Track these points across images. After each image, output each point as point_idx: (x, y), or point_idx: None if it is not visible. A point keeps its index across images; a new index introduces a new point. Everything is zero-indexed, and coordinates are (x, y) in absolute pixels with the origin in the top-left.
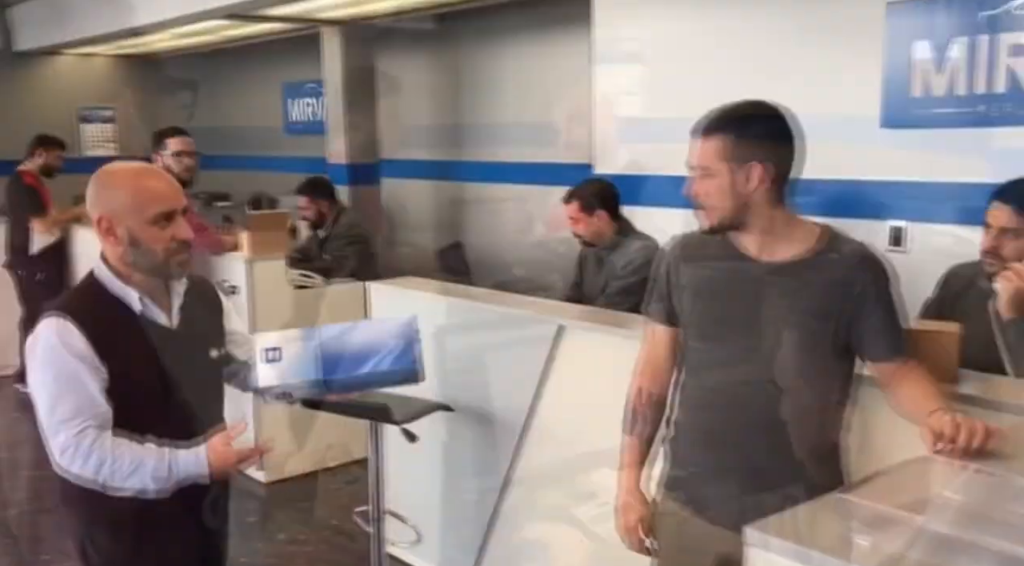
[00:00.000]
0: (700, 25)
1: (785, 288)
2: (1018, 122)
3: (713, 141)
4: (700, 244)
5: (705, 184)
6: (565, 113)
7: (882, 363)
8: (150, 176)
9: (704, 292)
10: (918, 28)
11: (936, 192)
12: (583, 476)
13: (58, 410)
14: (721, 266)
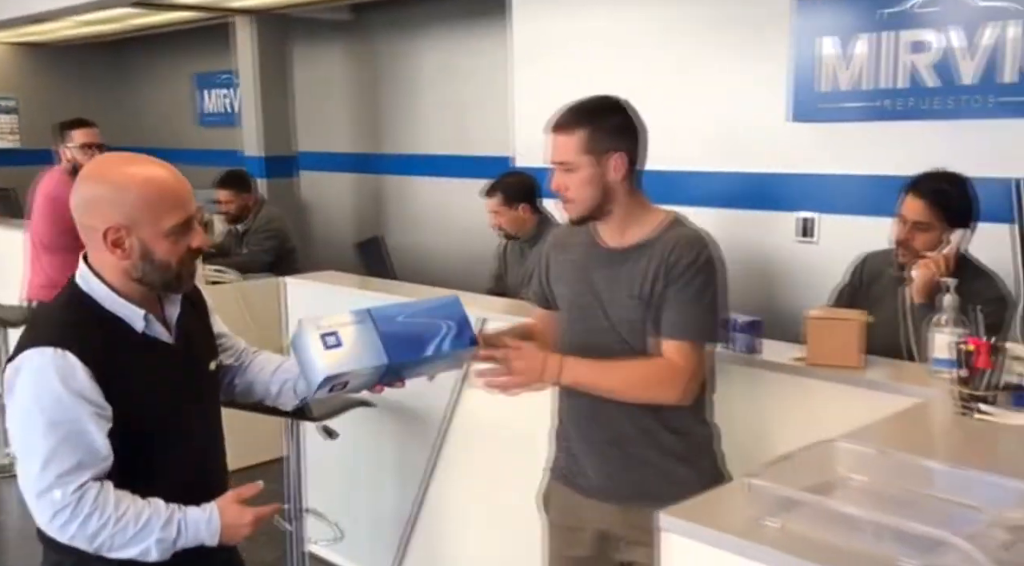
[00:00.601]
0: (616, 18)
1: (623, 271)
2: (918, 116)
3: (571, 136)
4: (568, 233)
5: (568, 178)
6: (486, 105)
7: (663, 340)
8: (167, 176)
9: (565, 278)
10: (824, 24)
11: (843, 184)
12: (505, 471)
13: (53, 465)
14: (580, 253)
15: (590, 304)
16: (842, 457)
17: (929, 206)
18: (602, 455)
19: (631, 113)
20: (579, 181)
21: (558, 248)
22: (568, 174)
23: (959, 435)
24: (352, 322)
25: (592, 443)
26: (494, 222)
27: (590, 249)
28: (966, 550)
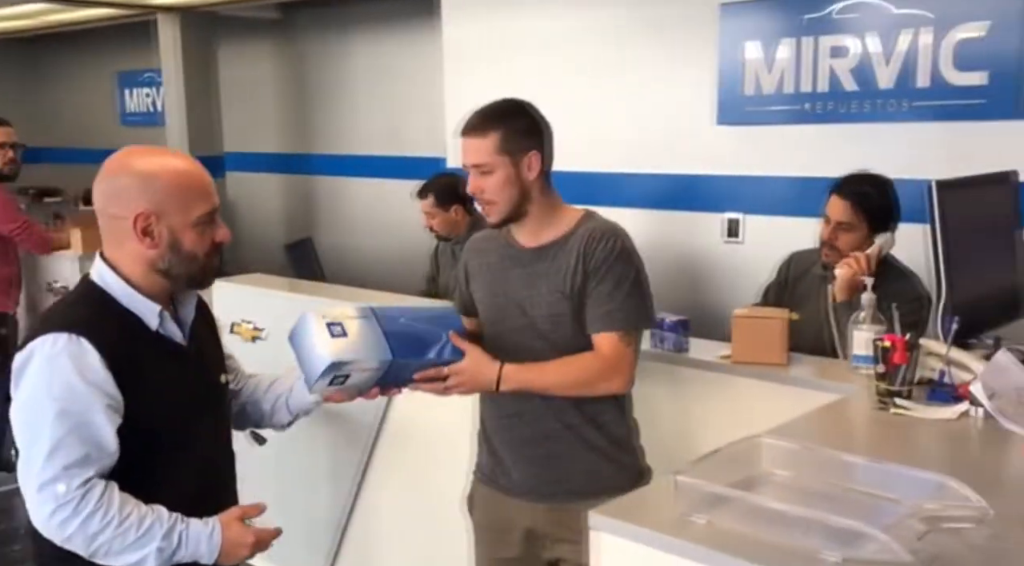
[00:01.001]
0: (545, 20)
1: (541, 270)
2: (838, 119)
3: (485, 138)
4: (483, 239)
5: (486, 180)
6: (419, 106)
7: (592, 334)
8: (193, 166)
9: (481, 281)
10: (749, 29)
11: (768, 186)
12: (436, 473)
13: (59, 456)
14: (495, 255)
15: (507, 304)
16: (767, 453)
17: (852, 207)
18: (527, 454)
19: (537, 114)
20: (497, 182)
21: (475, 254)
22: (485, 176)
23: (878, 429)
24: (356, 317)
25: (517, 442)
26: (426, 223)
27: (505, 251)
28: (884, 541)
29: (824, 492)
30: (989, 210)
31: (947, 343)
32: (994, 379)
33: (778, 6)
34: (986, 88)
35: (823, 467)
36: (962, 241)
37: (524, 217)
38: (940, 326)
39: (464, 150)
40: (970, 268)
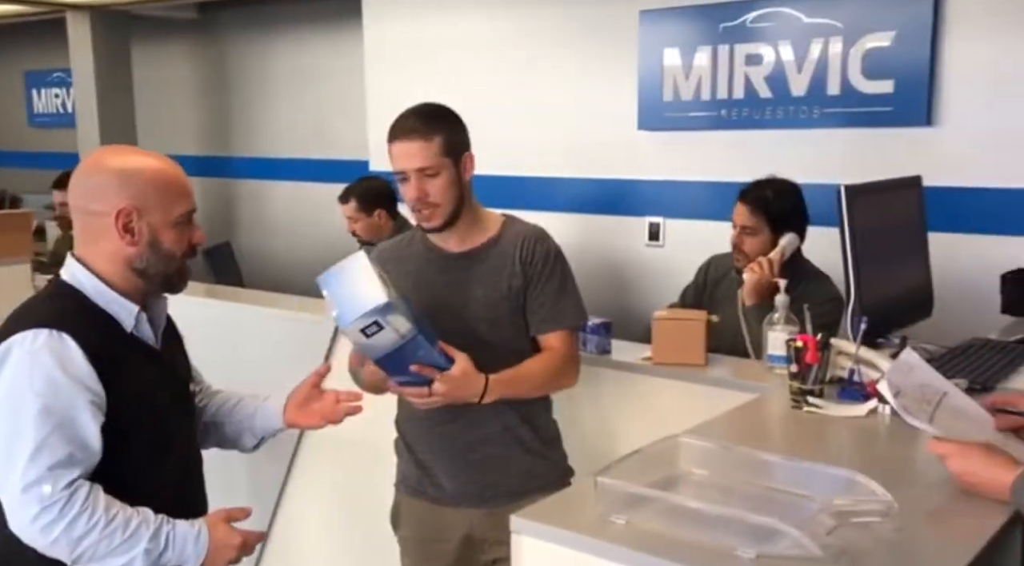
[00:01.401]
0: (469, 24)
1: (474, 274)
2: (754, 126)
3: (431, 141)
4: (398, 246)
5: (431, 184)
6: (343, 108)
7: (541, 335)
8: (173, 166)
9: (408, 290)
10: (668, 35)
11: (687, 190)
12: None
13: (44, 456)
14: (416, 263)
15: (437, 311)
16: (685, 452)
17: (753, 212)
18: (464, 460)
19: (458, 116)
20: (442, 185)
21: (391, 263)
22: (429, 180)
23: (792, 427)
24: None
25: (452, 449)
26: (349, 228)
27: (428, 256)
28: (796, 537)
29: (740, 490)
30: (897, 213)
31: (857, 343)
32: (899, 377)
33: (695, 14)
34: (893, 96)
35: (739, 465)
36: (871, 244)
37: (458, 221)
38: (850, 326)
39: (406, 154)
40: (879, 270)
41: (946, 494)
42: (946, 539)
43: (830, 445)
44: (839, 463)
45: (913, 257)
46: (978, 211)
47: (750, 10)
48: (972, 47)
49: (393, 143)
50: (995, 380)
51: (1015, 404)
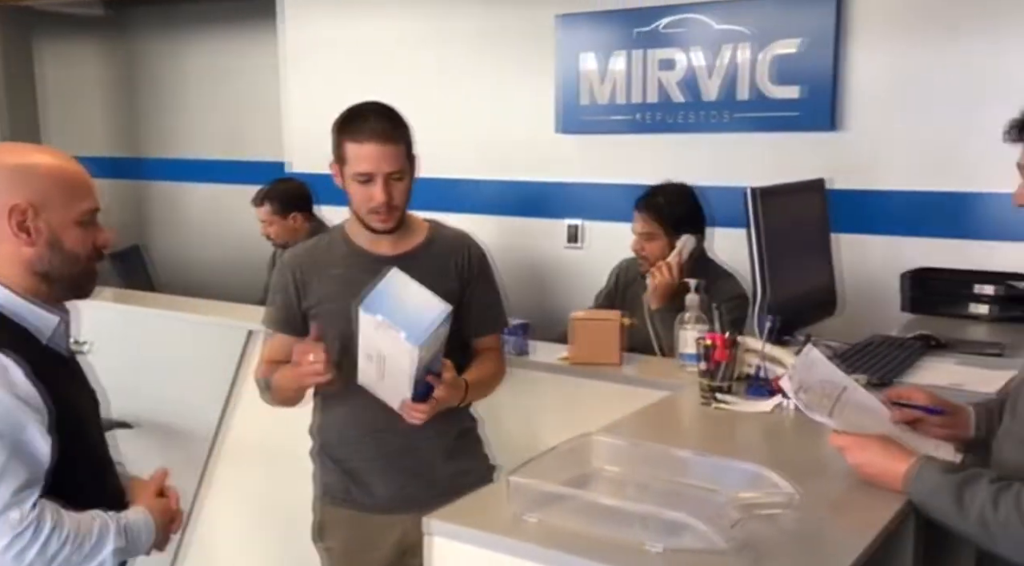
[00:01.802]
0: (386, 25)
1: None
2: (668, 129)
3: (400, 145)
4: (317, 249)
5: (396, 187)
6: (258, 109)
7: (480, 337)
8: (73, 162)
9: (334, 295)
10: (584, 40)
11: (605, 193)
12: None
13: (7, 482)
14: (345, 266)
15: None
16: (597, 450)
17: (648, 219)
18: (397, 466)
19: None
20: (404, 189)
21: (313, 267)
22: (396, 183)
23: (701, 423)
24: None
25: (385, 456)
26: (264, 231)
27: (357, 260)
28: (702, 530)
29: (650, 485)
30: (802, 215)
31: (764, 340)
32: (802, 373)
33: (610, 19)
34: (800, 101)
35: (650, 461)
36: (778, 244)
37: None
38: (758, 324)
39: (380, 157)
40: (786, 269)
41: (846, 485)
42: (845, 528)
43: (738, 440)
44: (746, 458)
45: (818, 257)
46: (879, 213)
47: (663, 16)
48: (873, 55)
49: (363, 144)
50: (894, 375)
51: (911, 397)
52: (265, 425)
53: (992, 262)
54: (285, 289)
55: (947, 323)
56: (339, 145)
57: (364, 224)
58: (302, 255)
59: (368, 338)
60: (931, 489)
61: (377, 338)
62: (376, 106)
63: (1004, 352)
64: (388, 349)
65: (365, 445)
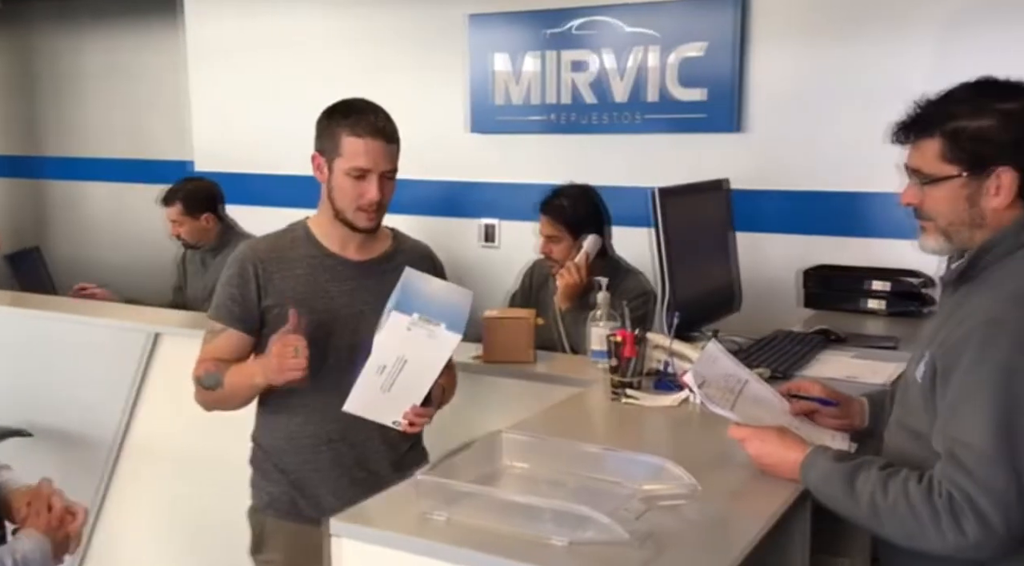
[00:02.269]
0: (297, 23)
1: (372, 285)
2: (580, 130)
3: (395, 144)
4: (279, 246)
5: (388, 186)
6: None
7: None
8: None
9: (298, 295)
10: (496, 40)
11: (520, 192)
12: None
13: None
14: (309, 266)
15: (332, 320)
16: (506, 447)
17: (552, 221)
18: (347, 478)
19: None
20: (393, 189)
21: (273, 263)
22: (388, 182)
23: (610, 419)
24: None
25: (338, 467)
26: (173, 232)
27: (324, 262)
28: (605, 523)
29: (558, 481)
30: (706, 214)
31: (670, 336)
32: (705, 368)
33: (522, 19)
34: (706, 103)
35: (558, 457)
36: (683, 242)
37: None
38: (664, 321)
39: (380, 155)
40: (690, 267)
41: (745, 475)
42: (743, 516)
43: (645, 434)
44: (652, 451)
45: (721, 255)
46: (780, 212)
47: (574, 17)
48: (774, 58)
49: (364, 139)
50: (794, 368)
51: (807, 390)
52: (173, 431)
53: (886, 259)
54: (244, 283)
55: (845, 318)
56: (333, 137)
57: (345, 222)
58: (264, 250)
59: (389, 345)
60: (824, 476)
61: (406, 340)
62: (372, 103)
63: (898, 345)
64: (416, 350)
65: (319, 455)
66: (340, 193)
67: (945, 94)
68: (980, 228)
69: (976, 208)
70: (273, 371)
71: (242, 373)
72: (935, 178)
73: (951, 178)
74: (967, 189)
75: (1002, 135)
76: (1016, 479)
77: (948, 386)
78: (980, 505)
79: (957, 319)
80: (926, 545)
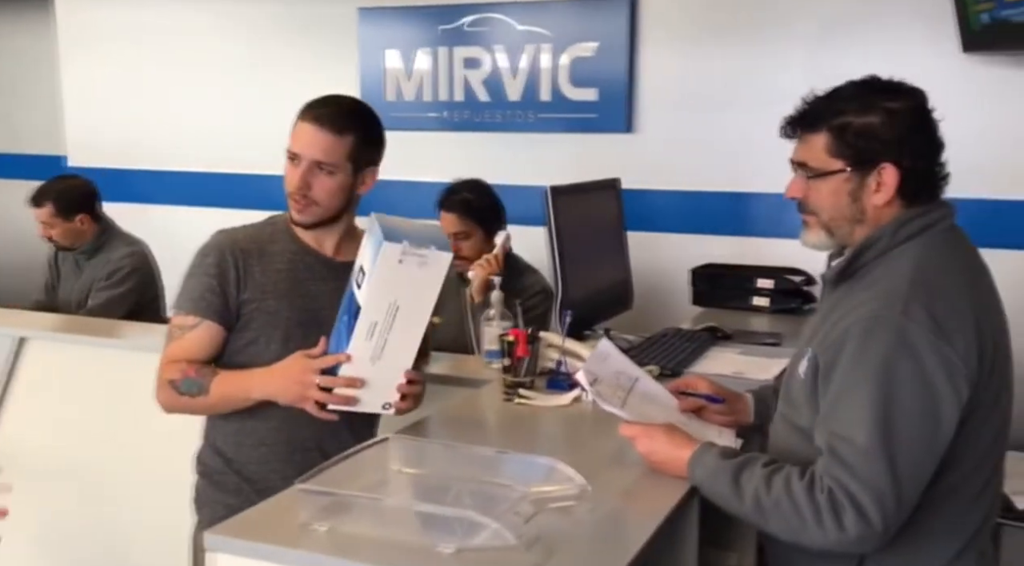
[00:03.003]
0: (178, 12)
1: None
2: (474, 128)
3: (342, 139)
4: (259, 238)
5: (320, 180)
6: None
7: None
8: None
9: (277, 290)
10: (388, 35)
11: (413, 190)
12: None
13: None
14: (288, 261)
15: (312, 321)
16: (395, 452)
17: (461, 217)
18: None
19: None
20: (331, 187)
21: (258, 256)
22: (322, 175)
23: (503, 420)
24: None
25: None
26: (44, 234)
27: (304, 259)
28: (494, 528)
29: (448, 486)
30: (598, 213)
31: (563, 335)
32: (596, 366)
33: (414, 15)
34: (598, 104)
35: (448, 461)
36: (576, 242)
37: (334, 225)
38: (558, 320)
39: (314, 141)
40: (583, 266)
41: (636, 474)
42: (634, 516)
43: (538, 435)
44: (543, 452)
45: (614, 254)
46: (672, 212)
47: (466, 14)
48: (665, 61)
49: (302, 123)
50: (683, 365)
51: (695, 387)
52: (43, 444)
53: (773, 258)
54: (222, 272)
55: (732, 315)
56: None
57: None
58: (244, 240)
59: (380, 290)
60: (710, 473)
61: (398, 277)
62: (347, 97)
63: (782, 342)
64: (408, 289)
65: (289, 464)
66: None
67: (833, 91)
68: (860, 224)
69: (858, 204)
70: (286, 392)
71: (236, 384)
72: (820, 172)
73: (836, 173)
74: (850, 184)
75: (886, 132)
76: (893, 474)
77: (829, 382)
78: (860, 500)
79: (837, 316)
80: (808, 541)
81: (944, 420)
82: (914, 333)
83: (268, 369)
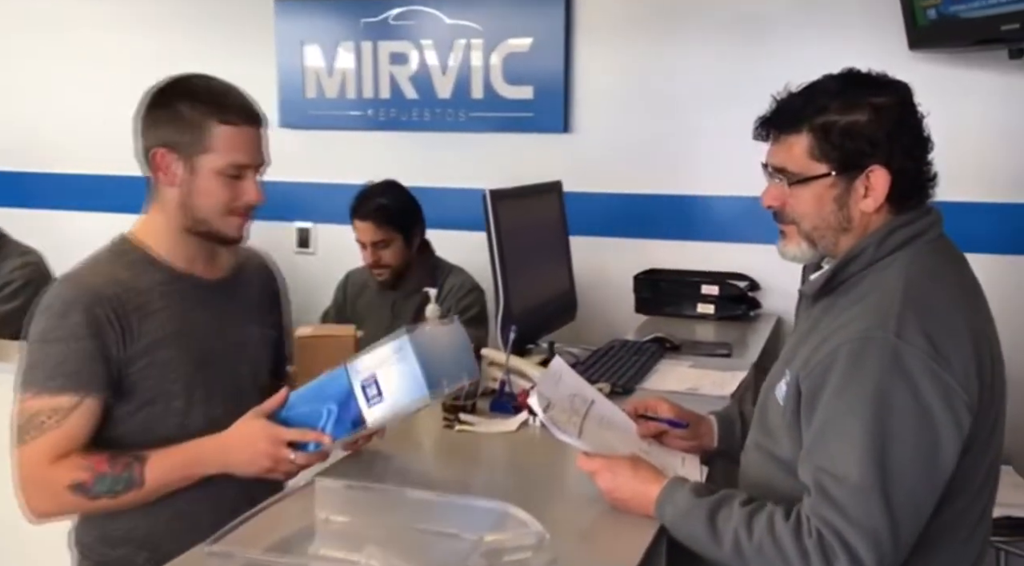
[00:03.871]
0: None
1: (235, 305)
2: (402, 127)
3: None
4: (119, 277)
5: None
6: None
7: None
8: None
9: (166, 335)
10: (307, 29)
11: (339, 193)
12: None
13: None
14: (162, 294)
15: (209, 361)
16: (321, 498)
17: (378, 225)
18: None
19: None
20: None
21: (126, 301)
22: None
23: (443, 451)
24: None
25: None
26: None
27: (180, 287)
28: None
29: (383, 536)
30: (541, 217)
31: (507, 352)
32: (549, 389)
33: (334, 7)
34: (533, 102)
35: (383, 507)
36: (517, 248)
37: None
38: (501, 335)
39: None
40: (526, 275)
41: (596, 513)
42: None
43: (483, 469)
44: (491, 490)
45: (557, 261)
46: (611, 215)
47: (391, 7)
48: (602, 59)
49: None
50: (635, 382)
51: (654, 409)
52: None
53: (718, 263)
54: (97, 333)
55: (677, 323)
56: (195, 127)
57: (207, 232)
58: (104, 285)
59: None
60: (682, 513)
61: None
62: (223, 80)
63: (731, 352)
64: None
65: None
66: (206, 197)
67: (811, 86)
68: (846, 233)
69: (844, 211)
70: (251, 464)
71: (182, 465)
72: (802, 177)
73: (820, 177)
74: (836, 190)
75: (875, 131)
76: (890, 514)
77: (814, 411)
78: (852, 544)
79: (820, 335)
80: None
81: (943, 452)
82: (909, 356)
83: (220, 439)
